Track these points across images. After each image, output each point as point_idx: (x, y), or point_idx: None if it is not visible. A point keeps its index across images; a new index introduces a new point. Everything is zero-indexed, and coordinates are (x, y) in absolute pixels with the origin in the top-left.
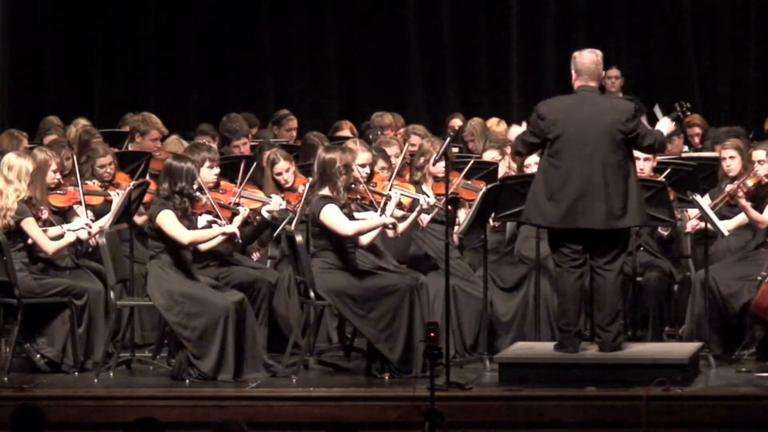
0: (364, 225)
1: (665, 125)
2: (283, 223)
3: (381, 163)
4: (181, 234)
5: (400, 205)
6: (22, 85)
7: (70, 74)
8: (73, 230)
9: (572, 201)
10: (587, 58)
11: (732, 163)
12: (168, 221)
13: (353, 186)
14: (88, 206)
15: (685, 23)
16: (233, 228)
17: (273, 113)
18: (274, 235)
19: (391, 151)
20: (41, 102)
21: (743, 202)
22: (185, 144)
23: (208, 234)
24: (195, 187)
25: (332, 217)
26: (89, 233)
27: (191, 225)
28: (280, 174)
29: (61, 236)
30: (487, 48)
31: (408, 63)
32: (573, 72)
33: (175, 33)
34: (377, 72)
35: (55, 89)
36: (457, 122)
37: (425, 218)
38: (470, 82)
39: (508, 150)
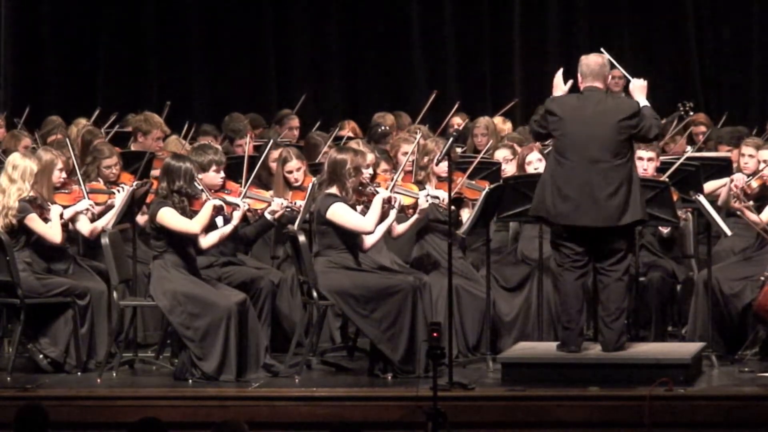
0: (373, 213)
1: (639, 90)
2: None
3: (384, 165)
4: (190, 225)
5: (402, 209)
6: (24, 84)
7: (72, 74)
8: (78, 210)
9: (575, 199)
10: (593, 60)
11: (751, 162)
12: (172, 217)
13: (361, 188)
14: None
15: (688, 22)
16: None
17: (276, 113)
18: (283, 232)
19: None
20: (43, 101)
21: (738, 204)
22: (184, 143)
23: (205, 214)
24: (199, 187)
25: (346, 214)
26: (93, 213)
27: None
28: (290, 172)
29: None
30: (490, 48)
31: (410, 63)
32: (579, 75)
33: (178, 33)
34: (380, 72)
35: (57, 88)
36: (458, 121)
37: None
38: (472, 82)
39: (520, 149)
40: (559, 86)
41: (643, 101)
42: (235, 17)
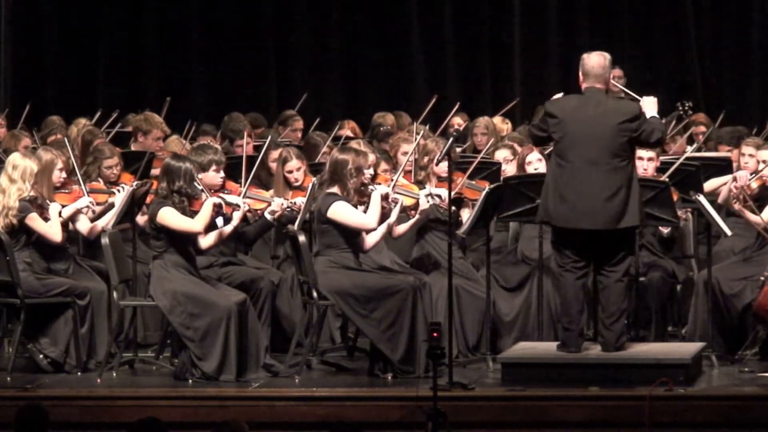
0: (374, 210)
1: (650, 105)
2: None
3: (384, 165)
4: (192, 224)
5: (404, 209)
6: (24, 84)
7: (72, 74)
8: (79, 207)
9: (575, 201)
10: (594, 60)
11: (751, 162)
12: (173, 217)
13: (363, 189)
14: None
15: (688, 22)
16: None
17: (275, 113)
18: (283, 231)
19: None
20: (43, 101)
21: (739, 206)
22: (184, 143)
23: (206, 212)
24: (199, 187)
25: (348, 212)
26: (93, 211)
27: None
28: (291, 172)
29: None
30: (490, 49)
31: (410, 63)
32: (580, 74)
33: (178, 33)
34: (380, 72)
35: (57, 88)
36: (458, 121)
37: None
38: (472, 82)
39: (520, 149)
40: None
41: (652, 113)
42: (235, 17)
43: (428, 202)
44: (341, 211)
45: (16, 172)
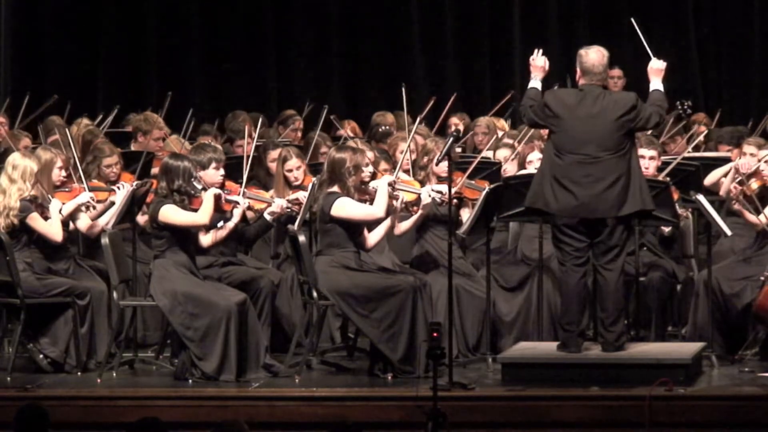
0: (381, 199)
1: (654, 70)
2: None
3: (384, 164)
4: (196, 217)
5: (406, 206)
6: (24, 83)
7: (72, 74)
8: (80, 203)
9: (575, 192)
10: (593, 56)
11: (752, 161)
12: (176, 213)
13: (363, 186)
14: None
15: (688, 22)
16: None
17: (275, 113)
18: (282, 231)
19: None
20: (44, 100)
21: (739, 206)
22: (183, 141)
23: (209, 205)
24: (199, 186)
25: (352, 206)
26: (94, 207)
27: None
28: (290, 171)
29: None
30: (490, 48)
31: (411, 63)
32: (578, 69)
33: (179, 32)
34: (380, 72)
35: (57, 88)
36: (456, 121)
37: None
38: (472, 82)
39: (520, 149)
40: (537, 65)
41: (657, 84)
42: (236, 17)
43: (430, 196)
44: (346, 207)
45: (16, 172)
